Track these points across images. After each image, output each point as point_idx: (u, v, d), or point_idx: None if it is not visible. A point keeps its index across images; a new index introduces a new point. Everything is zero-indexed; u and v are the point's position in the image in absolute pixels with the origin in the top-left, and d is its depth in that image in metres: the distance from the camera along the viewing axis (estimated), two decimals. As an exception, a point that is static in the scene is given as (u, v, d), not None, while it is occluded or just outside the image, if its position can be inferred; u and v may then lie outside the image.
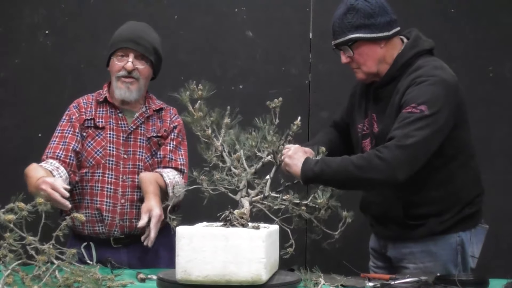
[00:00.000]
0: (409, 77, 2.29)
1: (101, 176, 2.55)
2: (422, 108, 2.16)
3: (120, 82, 2.57)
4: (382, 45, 2.34)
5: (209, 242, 1.83)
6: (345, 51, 2.37)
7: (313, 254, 3.24)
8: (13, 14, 3.48)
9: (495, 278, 2.16)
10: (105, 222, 2.53)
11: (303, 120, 2.90)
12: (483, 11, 3.38)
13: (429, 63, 2.32)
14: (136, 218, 2.53)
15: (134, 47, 2.55)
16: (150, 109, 2.65)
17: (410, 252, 2.39)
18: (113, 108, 2.62)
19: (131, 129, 2.60)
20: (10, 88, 3.48)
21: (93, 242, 2.52)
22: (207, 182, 2.13)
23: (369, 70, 2.36)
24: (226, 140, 2.15)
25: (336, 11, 2.36)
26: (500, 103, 3.37)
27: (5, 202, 1.92)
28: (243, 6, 3.46)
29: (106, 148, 2.56)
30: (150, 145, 2.62)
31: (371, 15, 2.30)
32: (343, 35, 2.32)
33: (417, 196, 2.33)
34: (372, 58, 2.34)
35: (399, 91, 2.29)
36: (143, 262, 2.53)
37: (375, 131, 2.38)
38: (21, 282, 1.89)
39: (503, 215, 3.33)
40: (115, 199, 2.54)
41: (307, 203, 2.11)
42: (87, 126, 2.59)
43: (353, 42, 2.32)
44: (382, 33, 2.32)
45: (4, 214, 1.90)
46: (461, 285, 2.00)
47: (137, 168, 2.58)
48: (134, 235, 2.55)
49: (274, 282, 1.92)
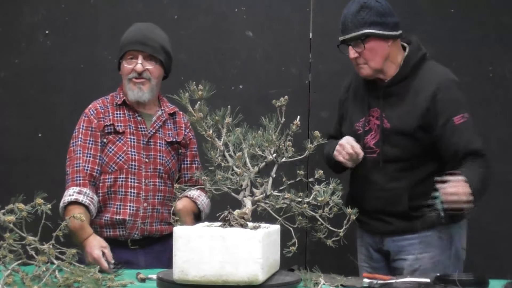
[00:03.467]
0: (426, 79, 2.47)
1: (124, 181, 2.55)
2: (466, 115, 2.43)
3: (132, 84, 2.58)
4: (390, 43, 2.49)
5: (206, 242, 1.83)
6: (355, 46, 2.49)
7: (313, 254, 3.24)
8: (13, 14, 3.47)
9: (495, 278, 2.16)
10: (126, 226, 2.53)
11: (303, 120, 2.91)
12: (483, 11, 3.38)
13: (438, 67, 2.54)
14: (156, 221, 2.58)
15: (142, 48, 2.56)
16: (165, 112, 2.68)
17: (409, 244, 2.48)
18: (130, 111, 2.62)
19: (151, 133, 2.61)
20: (10, 88, 3.48)
21: (110, 244, 2.52)
22: (210, 182, 2.13)
23: (376, 66, 2.50)
24: (231, 139, 2.15)
25: (348, 9, 2.50)
26: (500, 103, 3.36)
27: (5, 202, 1.92)
28: (243, 6, 3.46)
29: (128, 153, 2.56)
30: (169, 150, 2.64)
31: (383, 14, 2.46)
32: (356, 30, 2.46)
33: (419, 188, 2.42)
34: (380, 54, 2.48)
35: (418, 92, 2.46)
36: (160, 262, 2.53)
37: (386, 126, 2.48)
38: (21, 282, 1.89)
39: (503, 215, 3.33)
40: (138, 203, 2.55)
41: (309, 200, 2.12)
42: (107, 132, 2.57)
43: (365, 38, 2.45)
44: (392, 32, 2.48)
45: (4, 215, 1.90)
46: (461, 285, 2.00)
47: (158, 172, 2.59)
48: (151, 237, 2.58)
49: (274, 282, 1.92)
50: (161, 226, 2.60)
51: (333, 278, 2.14)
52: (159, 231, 2.59)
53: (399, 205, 2.47)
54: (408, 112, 2.46)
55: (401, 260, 2.49)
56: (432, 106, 2.42)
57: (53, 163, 2.74)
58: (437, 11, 3.39)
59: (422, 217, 2.39)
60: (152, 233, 2.58)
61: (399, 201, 2.47)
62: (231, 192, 2.10)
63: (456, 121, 2.41)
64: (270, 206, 2.09)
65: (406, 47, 2.57)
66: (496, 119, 3.36)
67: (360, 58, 2.49)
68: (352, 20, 2.46)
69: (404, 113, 2.47)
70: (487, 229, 3.23)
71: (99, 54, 3.43)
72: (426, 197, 2.36)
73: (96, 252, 2.33)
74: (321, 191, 2.10)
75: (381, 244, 2.56)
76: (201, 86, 2.12)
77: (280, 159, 2.16)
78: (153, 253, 2.58)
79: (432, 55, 2.63)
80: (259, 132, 2.14)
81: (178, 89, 2.14)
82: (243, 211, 1.98)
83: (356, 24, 2.45)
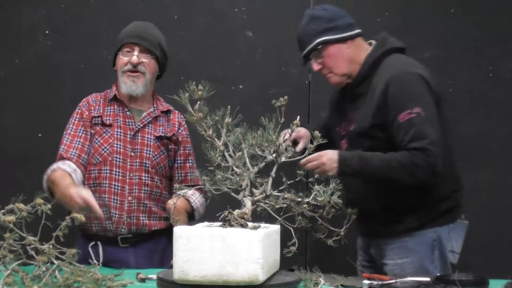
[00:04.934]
0: (382, 74, 2.39)
1: (109, 173, 2.56)
2: (416, 110, 2.27)
3: (126, 76, 2.59)
4: (349, 45, 2.46)
5: (206, 242, 1.83)
6: (315, 58, 2.48)
7: (313, 254, 3.24)
8: (13, 14, 3.47)
9: (495, 278, 2.16)
10: (112, 220, 2.54)
11: (303, 120, 2.91)
12: (483, 11, 3.38)
13: (399, 60, 2.44)
14: (143, 215, 2.57)
15: (139, 41, 2.59)
16: (158, 110, 2.68)
17: (390, 249, 2.45)
18: (121, 106, 2.64)
19: (138, 127, 2.61)
20: (10, 88, 3.48)
21: (101, 241, 2.53)
22: (209, 182, 2.13)
23: (341, 71, 2.48)
24: (231, 139, 2.15)
25: (299, 27, 2.52)
26: (500, 103, 3.36)
27: (5, 202, 1.92)
28: (243, 6, 3.46)
29: (113, 145, 2.58)
30: (158, 145, 2.63)
31: (332, 19, 2.46)
32: (310, 42, 2.47)
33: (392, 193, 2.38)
34: (341, 58, 2.46)
35: (375, 89, 2.38)
36: (151, 262, 2.54)
37: (350, 129, 2.47)
38: (21, 282, 1.89)
39: (503, 215, 3.33)
40: (122, 196, 2.55)
41: (308, 201, 2.12)
42: (95, 123, 2.61)
43: (321, 46, 2.45)
44: (345, 33, 2.46)
45: (4, 215, 1.90)
46: (461, 285, 2.00)
47: (144, 166, 2.59)
48: (141, 234, 2.57)
49: (274, 282, 1.92)
50: (149, 221, 2.59)
51: (333, 278, 2.14)
52: (147, 226, 2.59)
53: (370, 208, 2.42)
54: (366, 111, 2.40)
55: (383, 265, 2.47)
56: (383, 102, 2.34)
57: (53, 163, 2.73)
58: (437, 11, 3.39)
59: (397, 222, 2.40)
60: (140, 227, 2.57)
61: (370, 204, 2.42)
62: (231, 192, 2.10)
63: (401, 118, 2.28)
64: (269, 206, 2.09)
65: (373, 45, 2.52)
66: (496, 119, 3.36)
67: (324, 68, 2.49)
68: (305, 34, 2.48)
69: (363, 113, 2.42)
70: (487, 229, 3.23)
71: (99, 54, 3.43)
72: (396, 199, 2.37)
73: (84, 192, 2.30)
74: (321, 191, 2.10)
75: (368, 247, 2.57)
76: (201, 86, 2.12)
77: (280, 159, 2.16)
78: (144, 252, 2.58)
79: (432, 55, 2.63)
80: (258, 132, 2.14)
81: (178, 89, 2.15)
82: (243, 211, 1.98)
83: (309, 36, 2.46)
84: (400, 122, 2.29)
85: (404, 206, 2.40)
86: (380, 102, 2.35)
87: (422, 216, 2.40)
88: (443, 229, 2.43)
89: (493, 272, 2.24)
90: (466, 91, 3.21)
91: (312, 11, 2.54)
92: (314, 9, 2.57)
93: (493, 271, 2.26)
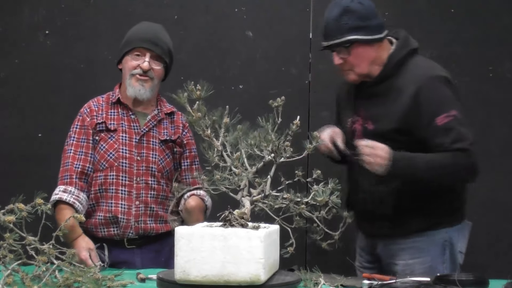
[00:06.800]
0: (407, 77, 2.36)
1: (115, 179, 2.55)
2: (453, 113, 2.30)
3: (134, 80, 2.57)
4: (375, 47, 2.40)
5: (207, 242, 1.83)
6: (340, 53, 2.41)
7: (313, 254, 3.24)
8: (13, 14, 3.47)
9: (495, 278, 2.16)
10: (120, 225, 2.53)
11: (303, 120, 2.91)
12: (483, 11, 3.38)
13: (423, 63, 2.43)
14: (150, 219, 2.56)
15: (152, 47, 2.56)
16: (162, 112, 2.66)
17: (400, 249, 2.43)
18: (125, 109, 2.62)
19: (143, 131, 2.60)
20: (10, 88, 3.48)
21: (106, 244, 2.52)
22: (208, 182, 2.13)
23: (362, 71, 2.42)
24: (229, 139, 2.15)
25: (328, 13, 2.40)
26: (500, 103, 3.36)
27: (5, 202, 1.92)
28: (243, 6, 3.46)
29: (118, 150, 2.56)
30: (163, 148, 2.63)
31: (367, 17, 2.37)
32: (339, 36, 2.37)
33: (405, 193, 2.36)
34: (366, 59, 2.40)
35: (400, 92, 2.35)
36: (156, 263, 2.54)
37: (369, 128, 2.42)
38: (21, 282, 1.89)
39: (503, 215, 3.33)
40: (129, 201, 2.54)
41: (307, 201, 2.11)
42: (99, 130, 2.58)
43: (350, 44, 2.37)
44: (376, 35, 2.39)
45: (4, 215, 1.90)
46: (461, 285, 2.00)
47: (150, 170, 2.58)
48: (148, 236, 2.57)
49: (274, 282, 1.92)
50: (156, 225, 2.59)
51: (333, 278, 2.14)
52: (154, 230, 2.58)
53: (384, 208, 2.40)
54: (389, 113, 2.37)
55: (393, 265, 2.44)
56: (414, 107, 2.32)
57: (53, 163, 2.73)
58: (437, 11, 3.39)
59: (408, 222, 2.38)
60: (147, 231, 2.57)
61: (384, 204, 2.40)
62: (229, 192, 2.10)
63: (439, 121, 2.29)
64: (268, 206, 2.09)
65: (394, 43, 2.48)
66: (496, 119, 3.36)
67: (345, 64, 2.42)
68: (335, 26, 2.36)
69: (385, 114, 2.38)
70: (487, 229, 3.23)
71: (99, 54, 3.43)
72: (412, 200, 2.36)
73: (83, 253, 2.35)
74: (320, 191, 2.10)
75: (373, 247, 2.53)
76: (199, 86, 2.12)
77: (278, 159, 2.16)
78: (149, 254, 2.57)
79: (432, 55, 2.63)
80: (255, 132, 2.13)
81: (178, 89, 2.14)
82: (242, 211, 1.97)
83: (339, 30, 2.36)
84: (438, 126, 2.29)
85: (417, 206, 2.38)
86: (410, 107, 2.32)
87: (434, 216, 2.39)
88: (453, 229, 2.43)
89: (493, 272, 2.24)
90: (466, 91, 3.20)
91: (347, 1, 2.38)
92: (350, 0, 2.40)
93: (493, 271, 2.26)
